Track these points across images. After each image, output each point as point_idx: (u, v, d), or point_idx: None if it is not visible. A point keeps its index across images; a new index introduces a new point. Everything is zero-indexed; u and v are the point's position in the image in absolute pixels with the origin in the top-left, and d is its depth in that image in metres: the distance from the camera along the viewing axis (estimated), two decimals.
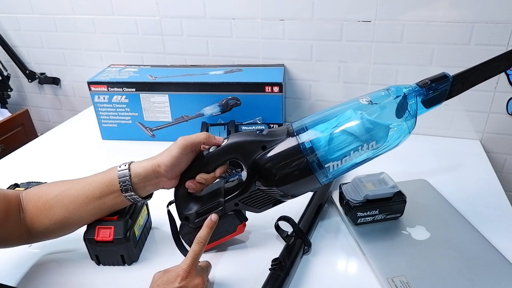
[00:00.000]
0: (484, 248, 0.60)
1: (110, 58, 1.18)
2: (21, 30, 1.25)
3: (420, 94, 0.56)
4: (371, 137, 0.54)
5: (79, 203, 0.57)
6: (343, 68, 0.99)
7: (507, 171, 1.00)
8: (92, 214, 0.58)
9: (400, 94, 0.56)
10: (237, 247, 0.65)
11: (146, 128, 1.01)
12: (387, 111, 0.55)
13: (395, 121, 0.55)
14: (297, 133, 0.55)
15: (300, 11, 0.95)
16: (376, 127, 0.54)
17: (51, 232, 0.58)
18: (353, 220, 0.66)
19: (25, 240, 0.58)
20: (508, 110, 0.92)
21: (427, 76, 0.92)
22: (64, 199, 0.57)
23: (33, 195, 0.58)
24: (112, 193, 0.57)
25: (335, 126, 0.54)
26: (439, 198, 0.73)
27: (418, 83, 0.57)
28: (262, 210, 0.62)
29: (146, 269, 0.62)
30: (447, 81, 0.56)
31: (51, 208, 0.56)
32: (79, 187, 0.57)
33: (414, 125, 0.56)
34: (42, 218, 0.56)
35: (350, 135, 0.53)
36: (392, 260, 0.59)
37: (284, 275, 0.55)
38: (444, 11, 0.86)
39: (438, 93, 0.56)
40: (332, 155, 0.54)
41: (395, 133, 0.55)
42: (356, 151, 0.54)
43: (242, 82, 0.93)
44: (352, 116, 0.54)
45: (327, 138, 0.53)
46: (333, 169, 0.54)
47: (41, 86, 1.35)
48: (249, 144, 0.57)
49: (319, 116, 0.57)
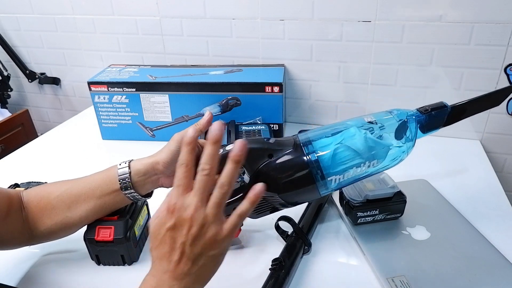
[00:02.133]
0: (484, 248, 0.60)
1: (110, 58, 1.18)
2: (21, 30, 1.25)
3: (420, 119, 0.59)
4: (372, 155, 0.56)
5: (80, 202, 0.57)
6: (343, 68, 0.99)
7: (507, 171, 1.00)
8: (93, 213, 0.58)
9: (403, 117, 0.58)
10: (237, 247, 0.65)
11: (146, 128, 1.01)
12: (388, 132, 0.57)
13: (395, 143, 0.58)
14: (303, 145, 0.57)
15: (300, 11, 0.95)
16: (378, 146, 0.56)
17: (53, 233, 0.58)
18: (353, 220, 0.66)
19: (26, 240, 0.58)
20: (508, 110, 0.92)
21: (427, 76, 0.93)
22: (65, 199, 0.57)
23: (35, 195, 0.58)
24: (112, 192, 0.57)
25: (340, 142, 0.56)
26: (439, 198, 0.73)
27: (418, 109, 0.60)
28: (258, 216, 0.63)
29: (146, 269, 0.61)
30: (445, 110, 0.60)
31: (53, 208, 0.56)
32: (80, 186, 0.57)
33: (412, 148, 0.59)
34: (44, 219, 0.56)
35: (354, 152, 0.56)
36: (392, 260, 0.59)
37: (284, 275, 0.55)
38: (444, 11, 0.86)
39: (436, 120, 0.60)
40: (335, 169, 0.56)
41: (394, 153, 0.58)
42: (358, 167, 0.56)
43: (242, 82, 0.93)
44: (356, 134, 0.57)
45: (331, 153, 0.56)
46: (334, 182, 0.56)
47: (41, 86, 1.35)
48: (257, 150, 0.58)
49: (324, 131, 0.59)
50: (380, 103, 1.00)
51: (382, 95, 0.99)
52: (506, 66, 0.88)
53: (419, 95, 0.96)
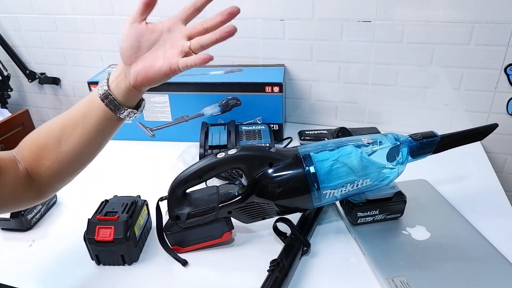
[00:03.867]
0: (483, 248, 0.60)
1: (110, 58, 1.18)
2: (21, 30, 1.25)
3: (412, 145, 0.63)
4: (366, 174, 0.61)
5: (69, 132, 0.54)
6: (343, 68, 0.99)
7: (507, 171, 1.00)
8: (84, 140, 0.54)
9: (397, 142, 0.63)
10: (235, 248, 0.65)
11: (146, 128, 1.01)
12: (382, 154, 0.62)
13: (388, 164, 0.62)
14: (303, 158, 0.61)
15: (300, 11, 0.95)
16: (371, 166, 0.61)
17: (55, 174, 0.55)
18: (353, 220, 0.66)
19: (35, 195, 0.56)
20: (508, 110, 0.92)
21: (427, 76, 0.93)
22: (54, 133, 0.54)
23: (25, 143, 0.56)
24: (94, 107, 0.54)
25: (337, 158, 0.60)
26: (439, 198, 0.73)
27: (411, 136, 0.64)
28: (251, 222, 0.64)
29: (146, 269, 0.62)
30: (435, 140, 0.64)
31: (46, 147, 0.54)
32: (65, 115, 0.55)
33: (403, 170, 0.64)
34: (41, 161, 0.54)
35: (349, 169, 0.60)
36: (392, 260, 0.59)
37: (283, 276, 0.55)
38: (444, 11, 0.86)
39: (426, 147, 0.64)
40: (330, 182, 0.60)
41: (386, 174, 0.62)
42: (352, 184, 0.60)
43: (242, 82, 0.93)
44: (353, 152, 0.61)
45: (329, 168, 0.60)
46: (328, 196, 0.61)
47: (41, 86, 1.35)
48: (258, 158, 0.61)
49: (324, 146, 0.63)
50: (380, 103, 1.00)
51: (382, 95, 0.99)
52: (506, 66, 0.88)
53: (419, 95, 0.97)
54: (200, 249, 0.65)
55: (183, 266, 0.61)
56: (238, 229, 0.68)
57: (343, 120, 1.06)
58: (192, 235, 0.63)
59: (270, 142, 0.87)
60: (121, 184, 0.81)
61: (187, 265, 0.62)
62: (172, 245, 0.63)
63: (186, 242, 0.63)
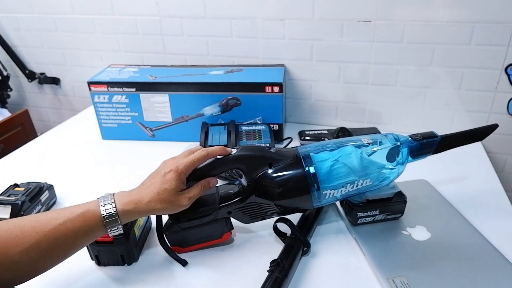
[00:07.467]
0: (484, 248, 0.60)
1: (110, 58, 1.18)
2: (21, 30, 1.25)
3: (412, 146, 0.63)
4: (366, 174, 0.61)
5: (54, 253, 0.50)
6: (343, 68, 0.99)
7: (507, 171, 1.00)
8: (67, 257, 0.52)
9: (397, 142, 0.63)
10: (235, 248, 0.65)
11: (146, 128, 1.01)
12: (382, 155, 0.62)
13: (388, 164, 0.62)
14: (303, 158, 0.61)
15: (300, 11, 0.95)
16: (371, 166, 0.61)
17: None
18: (353, 221, 0.65)
19: None
20: (509, 110, 0.92)
21: (427, 76, 0.93)
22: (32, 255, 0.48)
23: None
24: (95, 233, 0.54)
25: (337, 158, 0.60)
26: (439, 198, 0.73)
27: (411, 136, 0.64)
28: (251, 222, 0.64)
29: (146, 269, 0.62)
30: (436, 140, 0.64)
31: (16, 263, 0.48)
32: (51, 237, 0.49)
33: (403, 171, 0.63)
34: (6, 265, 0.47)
35: (349, 169, 0.60)
36: (392, 261, 0.59)
37: (283, 277, 0.55)
38: (444, 11, 0.86)
39: (426, 148, 0.64)
40: (330, 183, 0.60)
41: (386, 174, 0.62)
42: (351, 184, 0.60)
43: (242, 82, 0.93)
44: (353, 152, 0.61)
45: (329, 168, 0.60)
46: (328, 196, 0.61)
47: (41, 86, 1.35)
48: (258, 158, 0.61)
49: (324, 147, 0.63)
50: (380, 103, 1.00)
51: (382, 95, 0.99)
52: (507, 66, 0.88)
53: (419, 95, 0.96)
54: (200, 249, 0.64)
55: (183, 266, 0.61)
56: (238, 229, 0.68)
57: (343, 120, 1.06)
58: (192, 235, 0.63)
59: (270, 142, 0.87)
60: (121, 184, 0.81)
61: (187, 265, 0.62)
62: (172, 245, 0.63)
63: (186, 242, 0.63)
